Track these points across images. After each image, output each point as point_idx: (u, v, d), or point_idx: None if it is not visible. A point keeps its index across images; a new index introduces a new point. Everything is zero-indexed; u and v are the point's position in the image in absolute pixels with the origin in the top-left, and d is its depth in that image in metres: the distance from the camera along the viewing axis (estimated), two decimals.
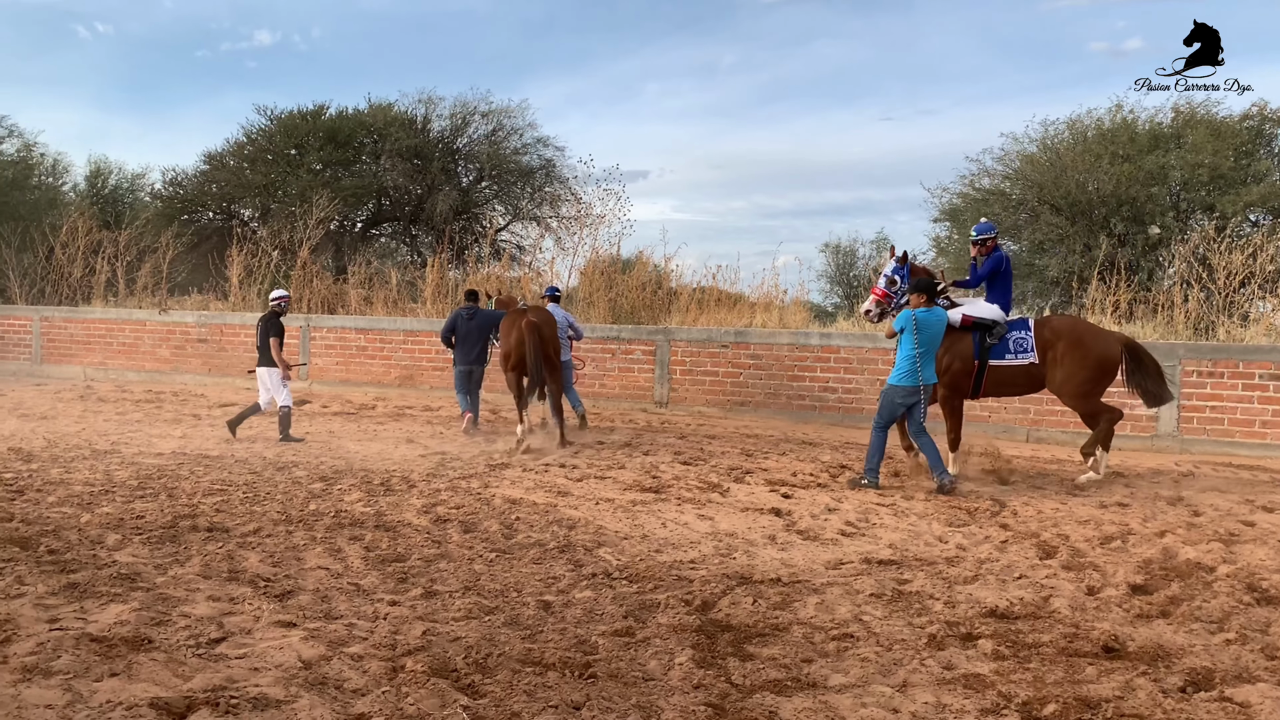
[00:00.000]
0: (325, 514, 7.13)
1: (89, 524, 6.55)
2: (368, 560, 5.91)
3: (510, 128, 26.74)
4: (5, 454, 9.41)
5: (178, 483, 8.17)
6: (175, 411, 13.38)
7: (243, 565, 5.67)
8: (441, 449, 10.54)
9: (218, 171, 26.59)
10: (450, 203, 25.17)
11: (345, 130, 26.17)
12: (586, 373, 14.69)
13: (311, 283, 18.74)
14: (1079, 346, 8.90)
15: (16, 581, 5.15)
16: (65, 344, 18.72)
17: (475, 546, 6.31)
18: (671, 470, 9.36)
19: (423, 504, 7.58)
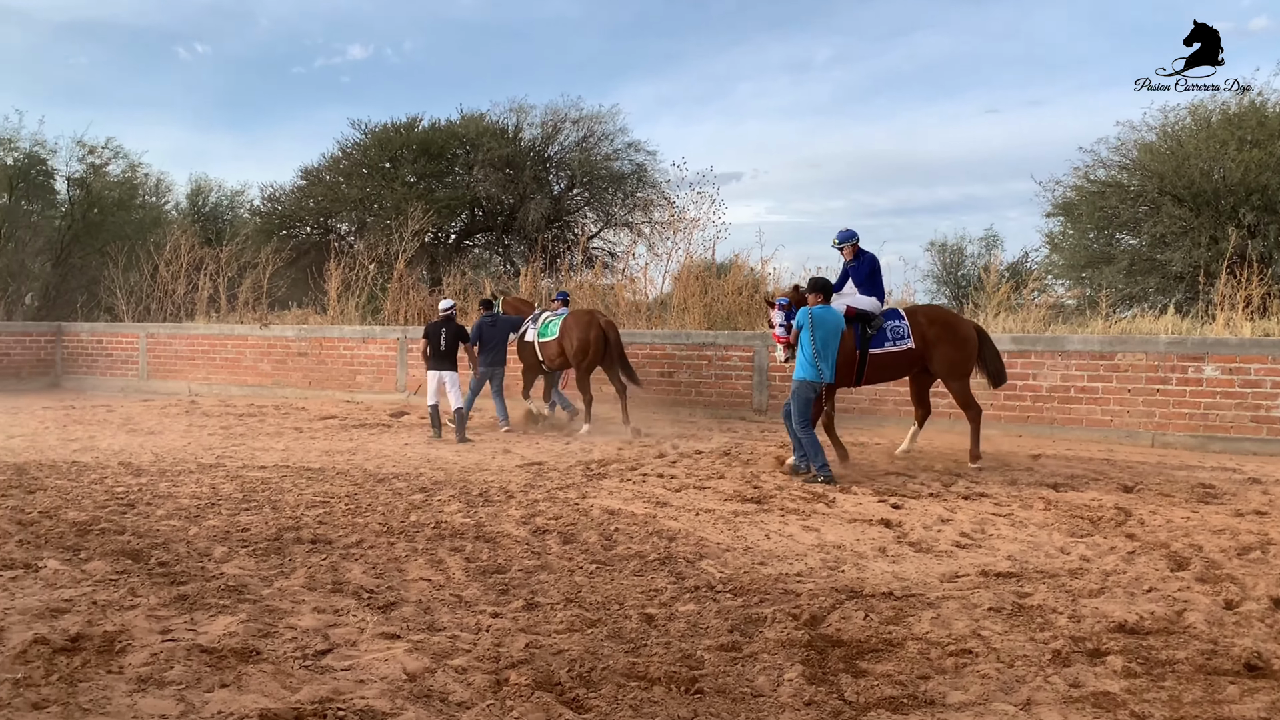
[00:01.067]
0: (426, 525, 7.26)
1: (197, 536, 6.80)
2: (469, 571, 5.99)
3: (601, 134, 26.98)
4: (116, 468, 9.84)
5: (281, 495, 8.43)
6: (277, 425, 13.83)
7: (346, 577, 5.80)
8: (538, 459, 10.65)
9: (314, 186, 27.48)
10: (542, 211, 25.50)
11: (438, 142, 26.75)
12: (682, 381, 14.70)
13: (408, 295, 19.19)
14: (950, 329, 10.20)
15: (130, 593, 5.36)
16: (170, 360, 19.56)
17: (575, 558, 6.35)
18: (773, 480, 9.30)
19: (521, 515, 7.66)
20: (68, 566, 5.90)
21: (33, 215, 25.19)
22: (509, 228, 27.31)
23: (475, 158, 26.58)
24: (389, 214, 24.28)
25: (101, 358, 20.36)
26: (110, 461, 10.29)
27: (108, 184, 25.81)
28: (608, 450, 11.36)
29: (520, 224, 26.10)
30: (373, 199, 26.57)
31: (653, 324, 16.69)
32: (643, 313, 17.07)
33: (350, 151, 27.82)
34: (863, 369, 10.11)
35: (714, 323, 16.31)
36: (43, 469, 9.69)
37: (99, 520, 7.23)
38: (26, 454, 10.78)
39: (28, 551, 6.25)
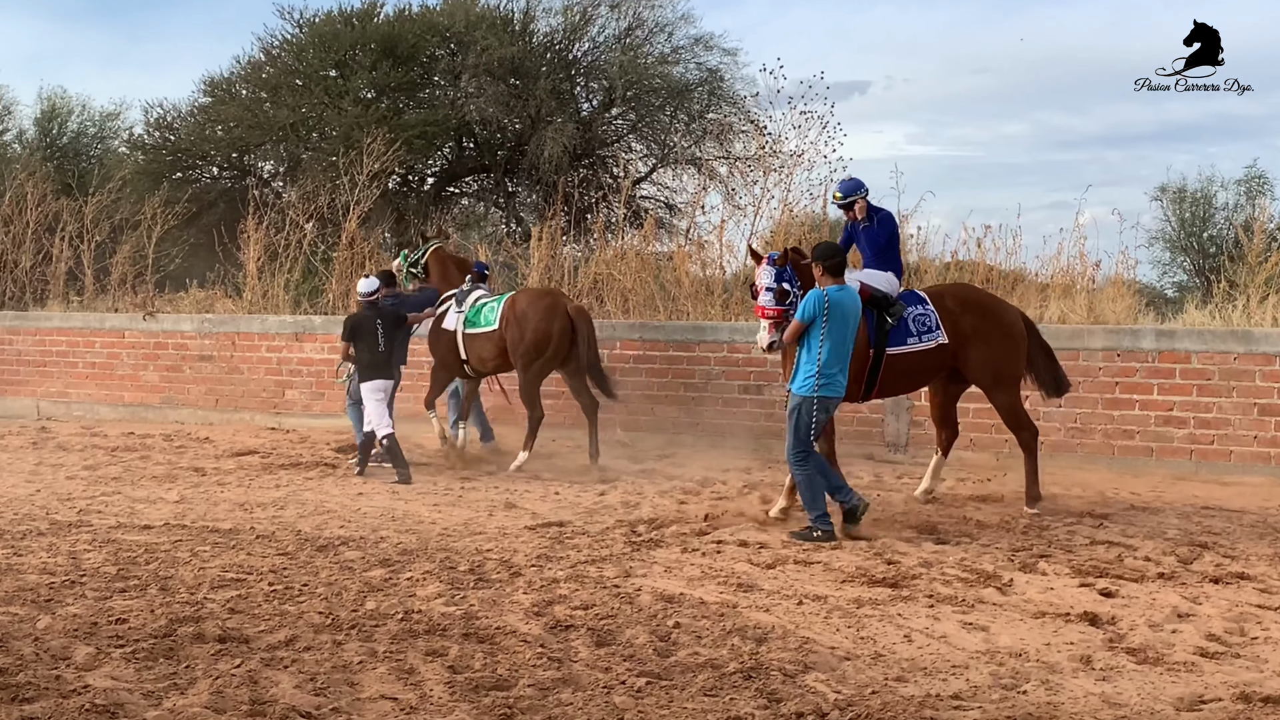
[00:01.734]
0: (390, 616, 7.28)
1: (49, 631, 6.88)
2: (454, 687, 6.00)
3: (654, 24, 27.04)
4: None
5: (174, 570, 8.49)
6: (168, 464, 14.00)
7: (271, 693, 5.84)
8: (556, 517, 10.69)
9: (224, 106, 27.80)
10: (564, 142, 25.59)
11: (408, 39, 26.93)
12: (777, 399, 14.64)
13: (363, 267, 19.36)
14: (992, 318, 10.93)
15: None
16: (10, 366, 19.95)
17: (615, 668, 6.33)
18: (917, 552, 9.24)
19: (533, 601, 7.66)
20: None
21: None
22: (514, 167, 27.46)
23: (465, 62, 26.76)
24: (335, 147, 24.51)
25: None
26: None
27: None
28: (662, 504, 11.34)
29: (532, 161, 26.23)
30: (311, 125, 26.84)
31: (730, 313, 16.68)
32: (716, 295, 17.06)
33: (278, 54, 28.15)
34: (875, 375, 10.63)
35: None
36: None
37: None
38: None
39: None
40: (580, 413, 13.89)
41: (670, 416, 15.35)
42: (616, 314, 17.08)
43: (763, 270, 10.19)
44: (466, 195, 30.65)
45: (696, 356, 15.30)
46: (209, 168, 28.58)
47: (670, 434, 15.23)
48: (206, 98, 28.38)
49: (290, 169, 27.41)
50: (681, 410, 15.31)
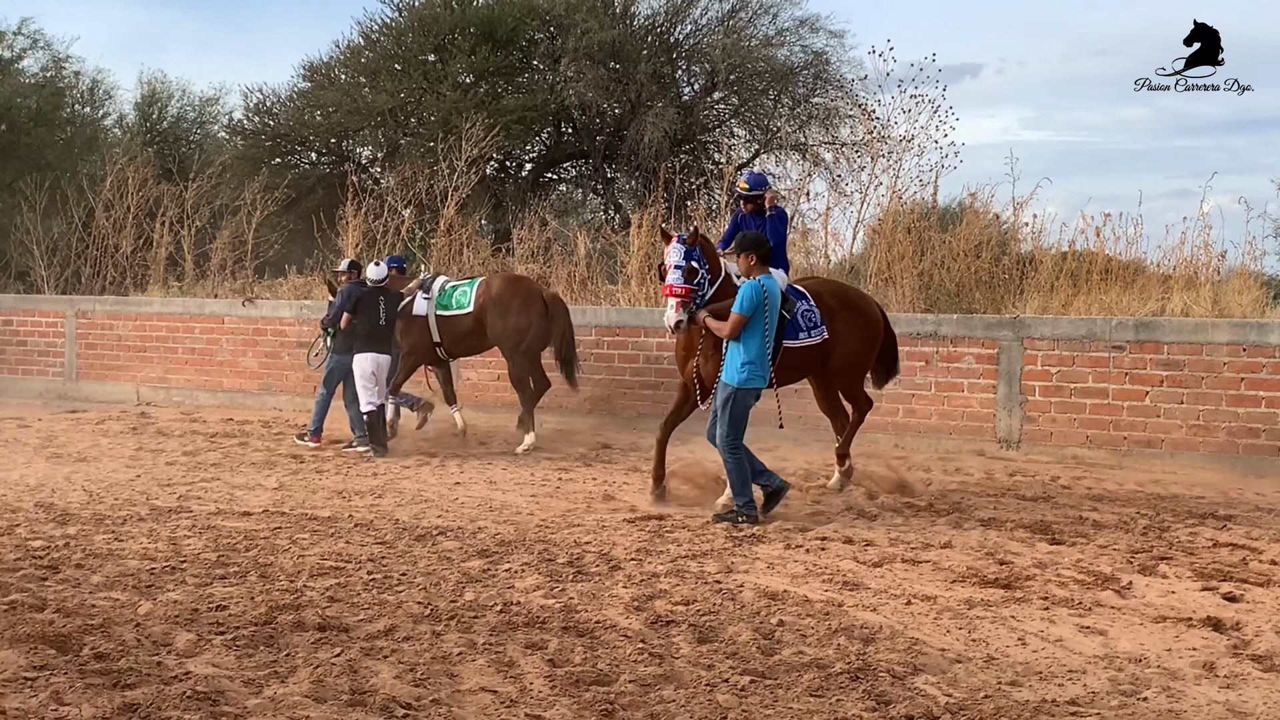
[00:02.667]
0: (489, 607, 7.34)
1: (150, 617, 7.02)
2: (554, 681, 6.03)
3: (758, 5, 26.94)
4: (31, 513, 10.26)
5: (273, 558, 8.64)
6: (267, 450, 14.22)
7: (371, 683, 5.91)
8: (656, 509, 10.70)
9: (323, 92, 28.16)
10: (665, 127, 25.59)
11: (508, 23, 27.08)
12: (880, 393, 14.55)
13: (461, 254, 19.51)
14: (861, 314, 11.86)
15: (53, 699, 5.56)
16: (110, 351, 20.34)
17: (717, 665, 6.33)
18: (1031, 552, 9.16)
19: (633, 595, 7.68)
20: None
21: None
22: (614, 153, 27.51)
23: (564, 46, 26.86)
24: (434, 132, 24.73)
25: (10, 347, 21.30)
26: (23, 501, 10.74)
27: (21, 88, 26.98)
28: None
29: (631, 147, 26.27)
30: (410, 110, 27.10)
31: None
32: None
33: (377, 39, 28.45)
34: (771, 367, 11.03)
35: (935, 301, 16.10)
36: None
37: (8, 589, 7.52)
38: None
39: None
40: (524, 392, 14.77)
41: (771, 408, 15.21)
42: None
43: (672, 248, 10.60)
44: (564, 181, 30.76)
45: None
46: (307, 153, 28.96)
47: (771, 426, 15.11)
48: (306, 83, 28.76)
49: (388, 154, 27.67)
50: (786, 402, 15.15)
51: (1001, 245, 16.84)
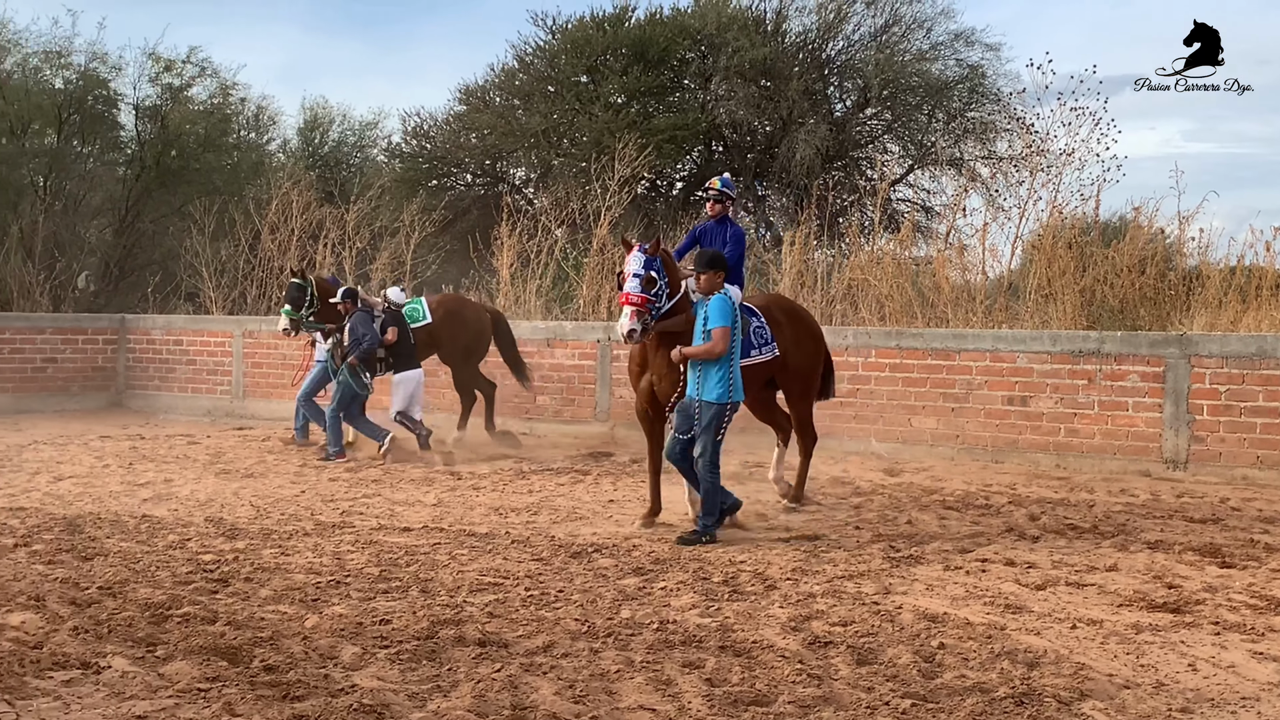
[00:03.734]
0: (645, 626, 7.36)
1: (317, 630, 7.19)
2: (712, 701, 6.02)
3: (912, 19, 26.80)
4: (202, 527, 10.57)
5: (433, 573, 8.78)
6: (425, 467, 14.45)
7: (531, 698, 5.97)
8: (811, 530, 10.67)
9: (478, 115, 28.67)
10: (817, 144, 25.55)
11: (660, 42, 27.31)
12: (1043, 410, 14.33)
13: (613, 273, 19.64)
14: (806, 329, 12.00)
15: (225, 710, 5.73)
16: (275, 370, 20.84)
17: (877, 688, 6.27)
18: (1200, 575, 8.93)
19: (790, 616, 7.64)
20: (139, 668, 6.36)
21: (89, 161, 27.50)
22: (765, 169, 27.52)
23: (716, 64, 26.98)
24: (586, 153, 24.97)
25: (180, 366, 21.95)
26: (194, 516, 11.07)
27: (190, 115, 27.87)
28: (922, 519, 11.22)
29: (783, 164, 26.28)
30: (562, 131, 27.43)
31: (994, 320, 16.36)
32: (978, 301, 16.77)
33: (531, 61, 28.86)
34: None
35: (1097, 318, 15.82)
36: (103, 525, 10.54)
37: (180, 602, 7.77)
38: (80, 504, 11.77)
39: (86, 644, 6.80)
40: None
41: (928, 428, 15.14)
42: (872, 320, 16.97)
43: (632, 257, 10.39)
44: None
45: (957, 365, 15.03)
46: (463, 175, 29.48)
47: (928, 445, 15.03)
48: (461, 106, 29.28)
49: (542, 175, 28.03)
50: (940, 421, 15.07)
51: (1166, 260, 16.49)
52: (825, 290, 17.95)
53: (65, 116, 26.48)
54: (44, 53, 26.46)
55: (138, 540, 9.87)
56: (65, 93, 26.54)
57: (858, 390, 15.55)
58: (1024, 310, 16.41)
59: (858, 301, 17.67)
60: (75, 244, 26.24)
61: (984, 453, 14.61)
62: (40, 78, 26.50)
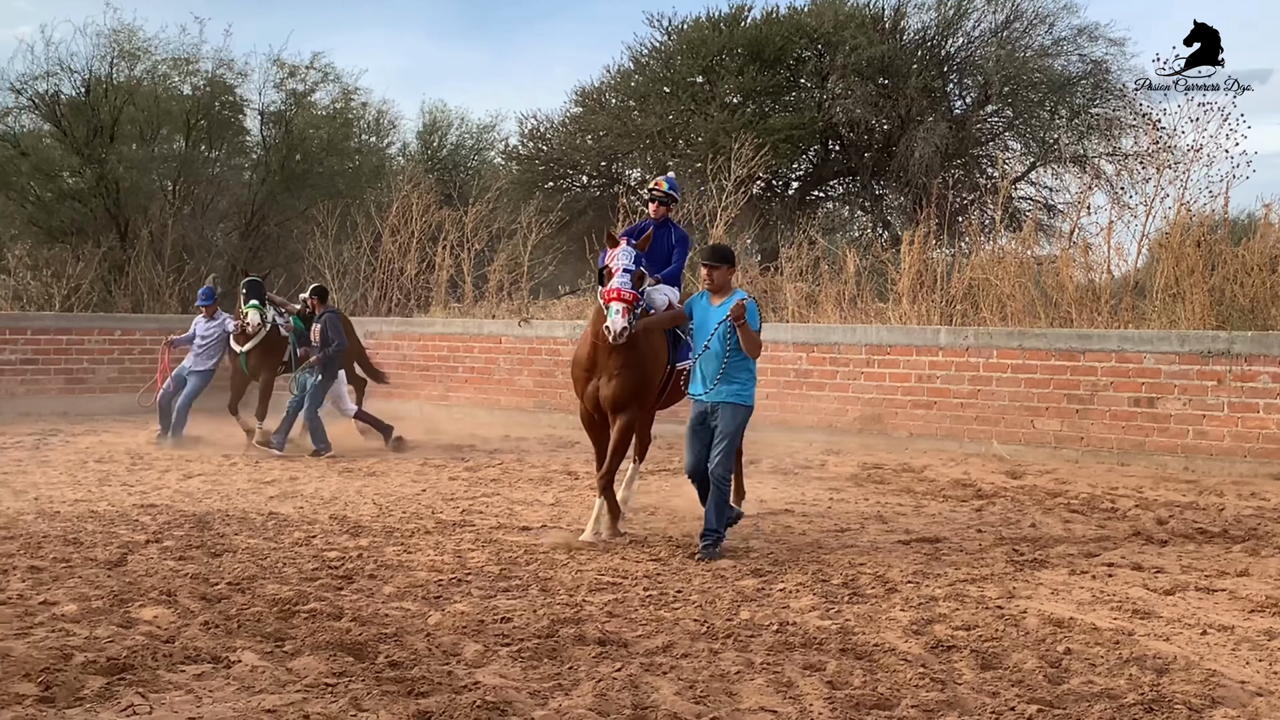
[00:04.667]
0: (765, 627, 7.36)
1: (440, 627, 7.27)
2: (834, 704, 5.99)
3: (1033, 15, 26.42)
4: (327, 524, 10.76)
5: (552, 572, 8.85)
6: (543, 467, 14.56)
7: (652, 699, 5.99)
8: (932, 532, 10.60)
9: (594, 116, 28.81)
10: (936, 142, 25.29)
11: (776, 42, 27.25)
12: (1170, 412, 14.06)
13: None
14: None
15: (353, 705, 5.82)
16: (395, 370, 21.13)
17: (1002, 693, 6.19)
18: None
19: (911, 619, 7.59)
20: (268, 663, 6.49)
21: (216, 165, 28.12)
22: (883, 168, 27.33)
23: (832, 63, 26.84)
24: (701, 153, 24.97)
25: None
26: (319, 514, 11.28)
27: (313, 120, 28.38)
28: (1046, 523, 11.11)
29: (901, 163, 26.05)
30: (678, 132, 27.47)
31: (1119, 320, 16.07)
32: (1103, 301, 16.49)
33: (646, 62, 28.94)
34: (664, 390, 10.69)
35: (1227, 317, 15.47)
36: (230, 522, 10.79)
37: (307, 598, 7.92)
38: (209, 500, 12.04)
39: (216, 639, 6.95)
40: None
41: (1052, 429, 14.92)
42: (993, 321, 16.77)
43: (622, 251, 9.82)
44: (832, 199, 30.71)
45: (1081, 366, 14.80)
46: (579, 176, 29.64)
47: (1051, 448, 14.82)
48: (577, 108, 29.46)
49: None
50: (1064, 423, 14.85)
51: None
52: (945, 290, 17.77)
53: (193, 122, 27.08)
54: (172, 59, 27.09)
55: (265, 537, 10.07)
56: (193, 99, 27.16)
57: (979, 391, 15.39)
58: (1151, 310, 16.09)
59: (979, 301, 17.48)
60: (203, 247, 26.83)
61: (1109, 455, 14.37)
62: (169, 84, 27.13)
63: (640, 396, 10.22)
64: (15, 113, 26.56)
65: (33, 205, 26.22)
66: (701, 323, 9.66)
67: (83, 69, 26.00)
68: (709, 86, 27.63)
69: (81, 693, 5.91)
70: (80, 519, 10.76)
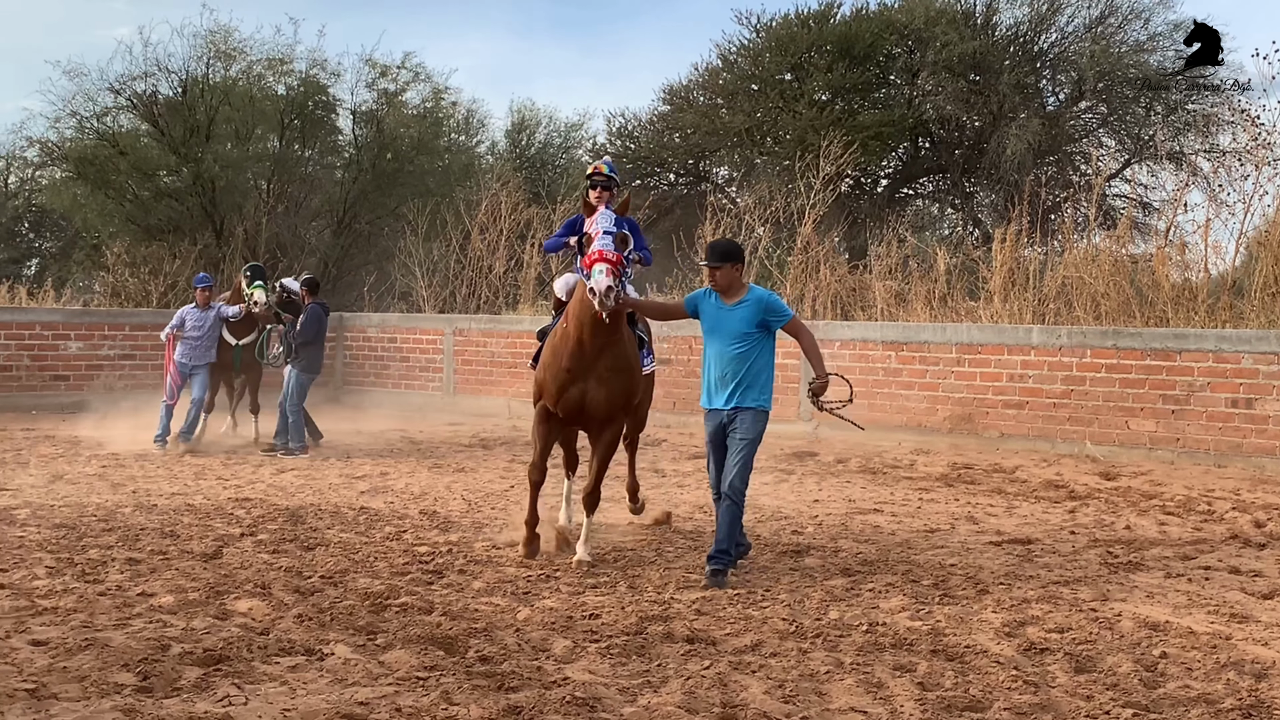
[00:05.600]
0: (854, 627, 7.32)
1: (529, 623, 7.31)
2: (925, 705, 5.95)
3: (1128, 10, 26.06)
4: (417, 519, 10.88)
5: (640, 569, 8.88)
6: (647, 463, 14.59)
7: (741, 697, 5.97)
8: (1024, 534, 10.49)
9: (681, 114, 28.85)
10: (1028, 139, 25.03)
11: (865, 38, 27.15)
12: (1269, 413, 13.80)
13: (817, 271, 19.55)
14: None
15: (443, 699, 5.85)
16: (484, 366, 21.30)
17: (1096, 696, 6.11)
18: None
19: (1003, 620, 7.52)
20: (360, 655, 6.56)
21: (309, 164, 28.49)
22: (974, 165, 27.10)
23: (922, 59, 26.68)
24: (789, 151, 24.91)
25: (394, 362, 22.61)
26: (409, 509, 11.40)
27: (404, 119, 28.69)
28: (1141, 524, 10.96)
29: (992, 160, 25.83)
30: (765, 129, 27.42)
31: (1216, 319, 15.81)
32: (1200, 300, 16.23)
33: (734, 60, 28.92)
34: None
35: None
36: (323, 516, 10.94)
37: (398, 592, 7.99)
38: (302, 495, 12.21)
39: (309, 632, 7.04)
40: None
41: (1146, 430, 14.71)
42: (1086, 320, 16.56)
43: (601, 214, 8.80)
44: (921, 196, 30.54)
45: (1178, 366, 14.57)
46: (666, 174, 29.69)
47: (1146, 449, 14.61)
48: (665, 106, 29.51)
49: (744, 174, 28.09)
50: (1160, 424, 14.63)
51: None
52: (1037, 288, 17.58)
53: (287, 121, 27.50)
54: (267, 60, 27.57)
55: (356, 531, 10.20)
56: (287, 99, 27.57)
57: (1072, 391, 15.20)
58: (1249, 309, 15.81)
59: (1072, 300, 17.27)
60: (296, 244, 27.23)
61: (1206, 457, 14.13)
62: (263, 84, 27.58)
63: (630, 402, 9.34)
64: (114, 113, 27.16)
65: (131, 203, 26.76)
66: (715, 326, 8.75)
67: (180, 69, 26.61)
68: (797, 84, 27.57)
69: (179, 683, 6.00)
70: (177, 512, 10.96)
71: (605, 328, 8.70)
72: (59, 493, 11.98)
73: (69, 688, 5.88)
